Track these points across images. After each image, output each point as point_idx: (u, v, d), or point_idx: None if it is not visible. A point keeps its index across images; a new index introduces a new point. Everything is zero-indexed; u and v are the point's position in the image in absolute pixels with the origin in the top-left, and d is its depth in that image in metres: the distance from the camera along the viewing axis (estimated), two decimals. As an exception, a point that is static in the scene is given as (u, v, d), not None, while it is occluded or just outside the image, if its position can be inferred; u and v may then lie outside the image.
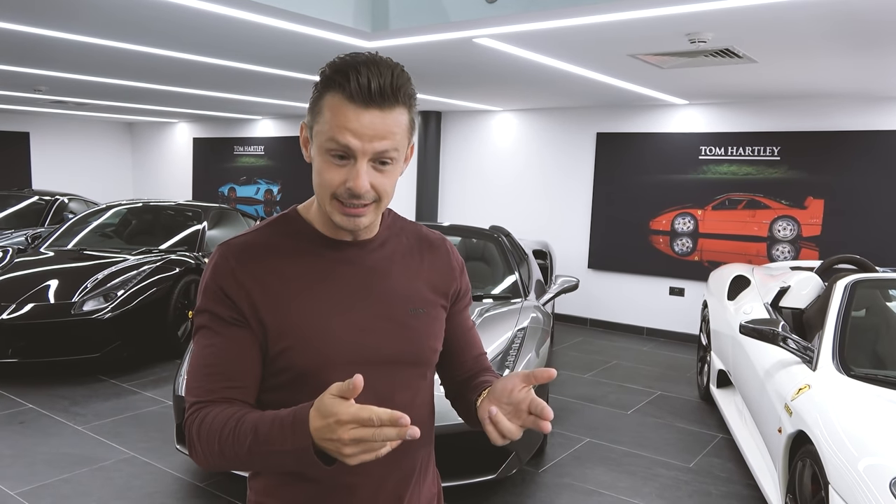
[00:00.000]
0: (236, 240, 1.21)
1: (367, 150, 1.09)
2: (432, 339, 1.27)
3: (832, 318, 3.31)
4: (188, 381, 1.16)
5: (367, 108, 1.08)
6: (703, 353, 5.49)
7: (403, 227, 1.32)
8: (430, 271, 1.31)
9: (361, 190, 1.09)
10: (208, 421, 1.08)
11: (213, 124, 11.69)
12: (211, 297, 1.16)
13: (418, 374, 1.25)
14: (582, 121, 7.81)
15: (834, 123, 6.37)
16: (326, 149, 1.11)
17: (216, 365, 1.13)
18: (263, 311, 1.14)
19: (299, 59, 4.98)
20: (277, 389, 1.17)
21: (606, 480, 3.89)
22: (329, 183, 1.12)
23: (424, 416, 1.29)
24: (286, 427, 1.00)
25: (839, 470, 2.41)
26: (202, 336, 1.16)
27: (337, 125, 1.09)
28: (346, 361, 1.15)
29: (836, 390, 2.86)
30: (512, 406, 1.12)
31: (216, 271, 1.17)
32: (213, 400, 1.11)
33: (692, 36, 3.64)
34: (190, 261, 6.18)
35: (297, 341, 1.14)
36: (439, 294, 1.30)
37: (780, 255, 6.67)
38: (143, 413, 4.66)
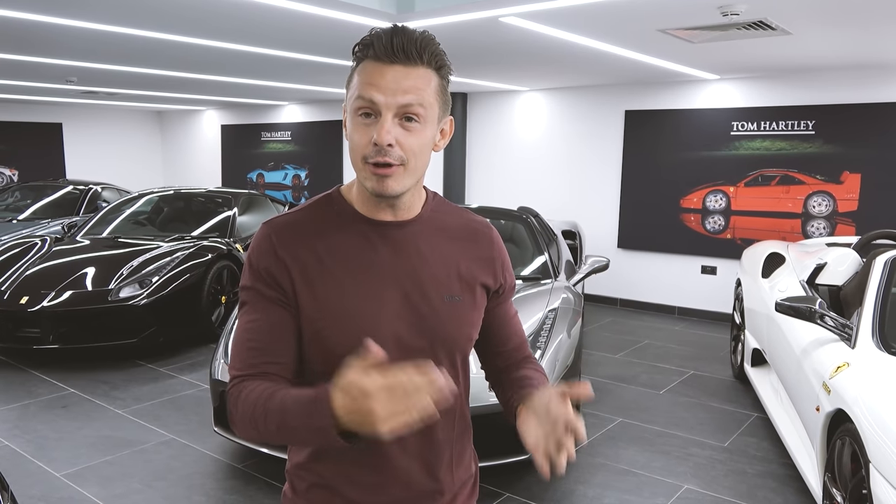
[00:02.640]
0: (280, 218, 1.23)
1: (391, 104, 1.10)
2: (467, 328, 1.26)
3: (871, 294, 3.24)
4: (232, 352, 1.20)
5: (392, 64, 1.11)
6: (737, 331, 5.42)
7: (448, 212, 1.30)
8: (471, 259, 1.28)
9: (385, 140, 1.09)
10: (244, 395, 1.12)
11: (240, 111, 11.78)
12: (254, 274, 1.19)
13: (450, 361, 1.25)
14: (610, 99, 7.70)
15: (871, 95, 6.19)
16: (354, 109, 1.13)
17: (256, 340, 1.17)
18: (300, 289, 1.17)
19: (325, 42, 4.98)
20: (312, 373, 1.19)
21: (640, 460, 3.88)
22: (358, 144, 1.13)
23: (462, 400, 1.29)
24: (308, 406, 1.02)
25: (881, 448, 2.37)
26: (246, 311, 1.20)
27: (363, 83, 1.11)
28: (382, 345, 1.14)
29: (876, 368, 2.81)
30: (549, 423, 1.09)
31: (259, 249, 1.19)
32: (252, 374, 1.15)
33: (724, 8, 3.56)
34: (222, 247, 6.25)
35: (331, 322, 1.16)
36: (478, 283, 1.28)
37: (816, 232, 6.54)
38: (180, 396, 4.76)
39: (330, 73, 6.88)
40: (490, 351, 1.38)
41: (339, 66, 6.31)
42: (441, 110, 1.18)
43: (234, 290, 6.33)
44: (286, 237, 1.19)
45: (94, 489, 3.44)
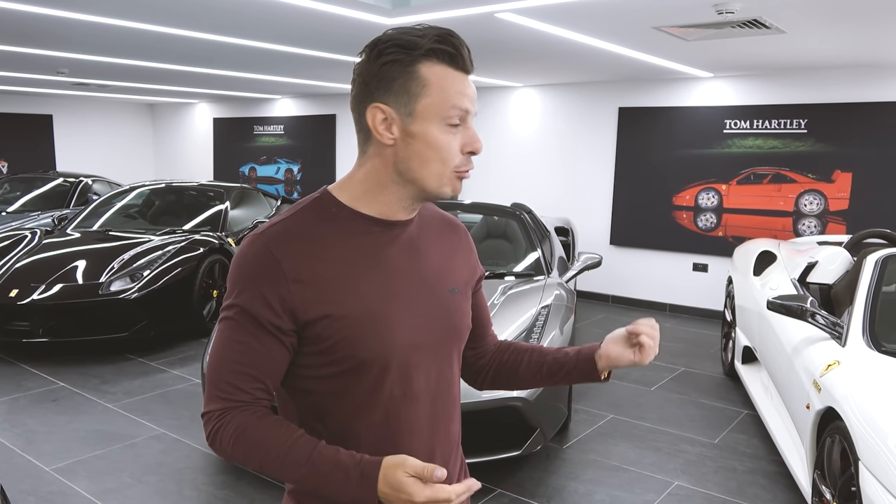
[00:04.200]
0: (274, 228, 1.13)
1: (473, 113, 1.16)
2: (467, 318, 1.30)
3: (862, 293, 3.26)
4: (212, 369, 1.12)
5: (468, 74, 1.16)
6: (728, 329, 5.45)
7: (427, 208, 1.32)
8: (458, 252, 1.33)
9: (480, 147, 1.17)
10: (250, 433, 1.08)
11: (232, 104, 11.72)
12: (249, 294, 1.09)
13: (457, 353, 1.28)
14: (603, 95, 7.71)
15: (863, 95, 6.22)
16: (446, 117, 1.12)
17: (249, 366, 1.10)
18: (315, 301, 1.10)
19: (319, 36, 4.96)
20: (331, 379, 1.14)
21: (631, 456, 3.90)
22: (454, 153, 1.15)
23: (456, 393, 1.31)
24: (351, 476, 1.04)
25: (869, 446, 2.39)
26: (233, 329, 1.10)
27: (456, 92, 1.12)
28: (404, 346, 1.15)
29: (866, 366, 2.83)
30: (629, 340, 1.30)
31: (257, 266, 1.09)
32: (244, 402, 1.11)
33: (720, 7, 3.56)
34: (214, 241, 6.23)
35: (355, 331, 1.11)
36: (466, 274, 1.33)
37: (807, 230, 6.57)
38: (171, 391, 4.74)
39: (325, 67, 6.85)
40: (476, 336, 1.41)
41: (333, 61, 6.28)
42: None
43: (225, 285, 6.29)
44: (288, 248, 1.10)
45: (84, 483, 3.42)
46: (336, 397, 1.15)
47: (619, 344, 1.29)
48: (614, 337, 1.31)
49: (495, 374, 1.42)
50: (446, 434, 1.26)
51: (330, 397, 1.15)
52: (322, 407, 1.16)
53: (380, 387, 1.15)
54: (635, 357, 1.27)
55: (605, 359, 1.30)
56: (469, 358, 1.42)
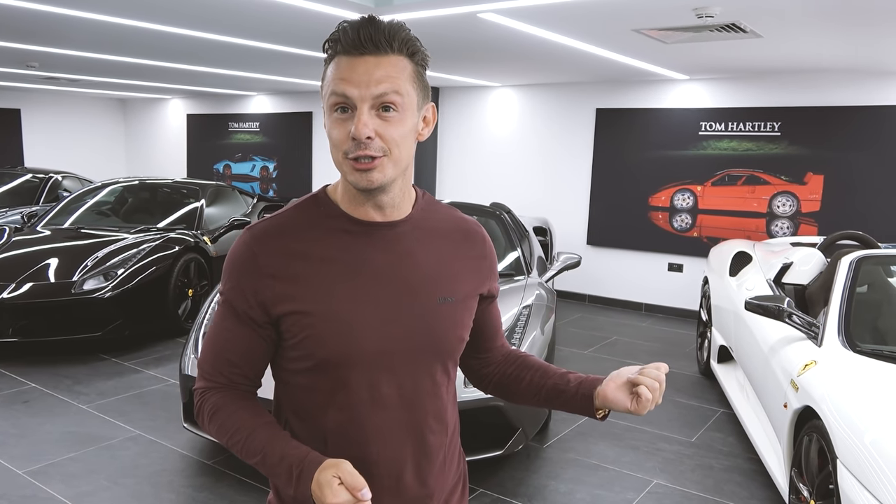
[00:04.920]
0: (263, 224, 1.19)
1: (366, 96, 1.08)
2: (459, 329, 1.25)
3: (837, 294, 3.32)
4: (204, 351, 1.22)
5: (362, 56, 1.09)
6: (704, 328, 5.52)
7: (438, 211, 1.29)
8: (463, 260, 1.27)
9: (363, 133, 1.07)
10: (221, 416, 1.17)
11: (206, 100, 11.57)
12: (231, 284, 1.17)
13: (441, 364, 1.24)
14: (581, 96, 7.76)
15: (835, 99, 6.35)
16: (329, 105, 1.12)
17: (228, 351, 1.19)
18: (284, 297, 1.14)
19: (300, 34, 4.92)
20: (303, 373, 1.18)
21: (610, 455, 3.93)
22: (337, 140, 1.11)
23: (444, 403, 1.27)
24: (292, 473, 1.08)
25: (847, 445, 2.44)
26: (223, 317, 1.19)
27: (335, 78, 1.10)
28: (369, 352, 1.15)
29: (842, 366, 2.89)
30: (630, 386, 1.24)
31: (239, 258, 1.17)
32: (222, 384, 1.20)
33: (700, 10, 3.61)
34: (189, 239, 6.14)
35: (318, 331, 1.13)
36: (470, 284, 1.27)
37: (780, 231, 6.69)
38: (146, 391, 4.67)
39: (303, 65, 6.79)
40: (480, 347, 1.39)
41: (312, 58, 6.24)
42: (420, 97, 1.15)
43: (201, 284, 6.23)
44: (269, 245, 1.16)
45: (58, 487, 3.35)
46: (306, 392, 1.19)
47: (619, 388, 1.24)
48: (617, 378, 1.25)
49: (498, 384, 1.42)
50: (422, 446, 1.23)
51: (302, 391, 1.19)
52: (295, 400, 1.21)
53: (343, 388, 1.16)
54: (631, 406, 1.22)
55: (602, 398, 1.25)
56: (474, 364, 1.42)
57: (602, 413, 1.28)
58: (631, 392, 1.22)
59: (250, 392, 1.23)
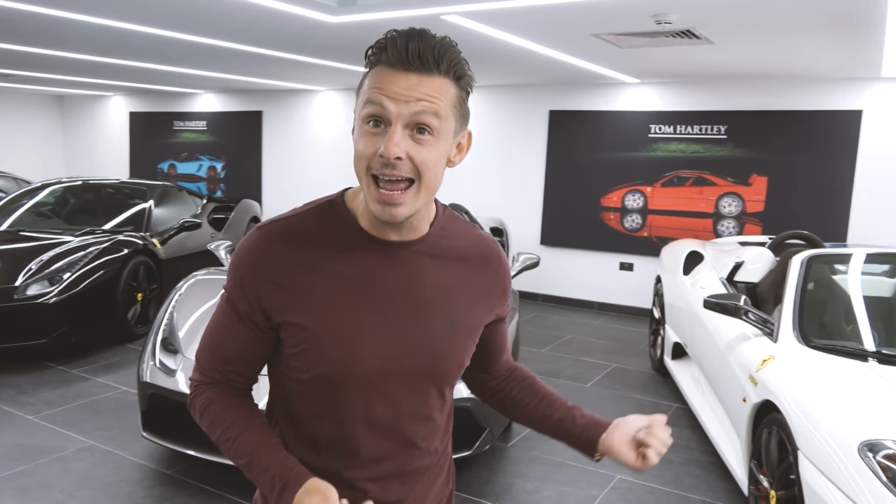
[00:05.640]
0: (274, 224, 1.15)
1: (403, 113, 1.02)
2: (461, 355, 1.22)
3: (790, 291, 3.46)
4: (202, 344, 1.21)
5: (406, 72, 1.03)
6: (657, 326, 5.67)
7: (457, 230, 1.23)
8: (477, 285, 1.23)
9: (392, 154, 1.01)
10: (212, 410, 1.17)
11: (150, 98, 11.23)
12: (236, 283, 1.14)
13: (437, 388, 1.21)
14: (535, 98, 7.86)
15: (778, 103, 6.62)
16: (362, 116, 1.05)
17: (226, 348, 1.17)
18: (285, 306, 1.11)
19: (259, 32, 4.82)
20: (299, 383, 1.16)
21: (572, 453, 3.95)
22: (363, 153, 1.04)
23: (437, 425, 1.25)
24: (275, 486, 1.08)
25: (808, 437, 2.55)
26: (220, 312, 1.18)
27: (373, 87, 1.04)
28: (366, 373, 1.12)
29: (798, 361, 3.01)
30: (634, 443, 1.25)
31: (247, 257, 1.13)
32: (217, 380, 1.19)
33: (659, 17, 3.71)
34: (138, 241, 5.96)
35: (317, 346, 1.11)
36: (480, 309, 1.24)
37: (726, 231, 6.92)
38: (97, 400, 4.50)
39: (256, 63, 6.66)
40: (485, 363, 1.37)
41: (267, 57, 6.12)
42: (458, 124, 1.10)
43: (151, 287, 6.05)
44: (277, 250, 1.12)
45: (10, 502, 3.20)
46: (301, 401, 1.17)
47: (625, 442, 1.23)
48: (624, 430, 1.24)
49: (501, 402, 1.41)
50: (411, 466, 1.21)
51: (297, 399, 1.18)
52: (290, 407, 1.19)
53: (337, 405, 1.15)
54: (636, 463, 1.22)
55: (606, 447, 1.25)
56: (478, 378, 1.41)
57: (599, 457, 1.29)
58: (637, 450, 1.22)
59: (245, 389, 1.21)
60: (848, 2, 3.47)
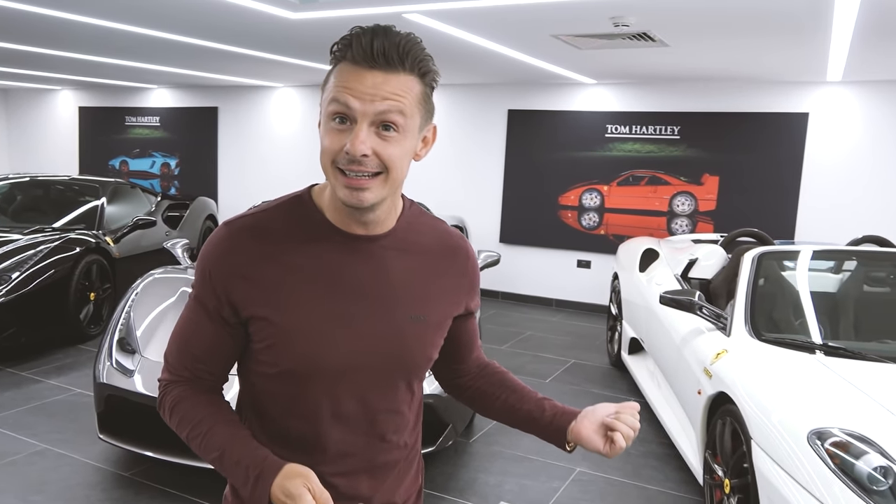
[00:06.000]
0: (241, 220, 1.16)
1: (368, 111, 1.03)
2: (428, 349, 1.23)
3: (742, 287, 3.58)
4: (170, 341, 1.21)
5: (371, 69, 1.04)
6: (614, 322, 5.79)
7: (424, 224, 1.25)
8: (445, 279, 1.24)
9: (358, 151, 1.03)
10: (182, 408, 1.16)
11: (100, 92, 10.93)
12: (203, 280, 1.15)
13: (405, 382, 1.23)
14: (494, 97, 7.92)
15: (729, 105, 6.82)
16: (328, 113, 1.07)
17: (194, 346, 1.18)
18: (253, 301, 1.12)
19: (218, 27, 4.75)
20: (268, 379, 1.17)
21: (534, 447, 4.05)
22: (328, 148, 1.06)
23: (406, 419, 1.26)
24: (249, 477, 1.08)
25: (760, 426, 2.65)
26: (188, 309, 1.19)
27: (339, 86, 1.05)
28: (334, 367, 1.13)
29: (750, 354, 3.13)
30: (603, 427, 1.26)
31: (213, 253, 1.14)
32: (186, 378, 1.19)
33: (617, 20, 3.79)
34: (90, 240, 5.81)
35: (284, 340, 1.12)
36: (447, 305, 1.25)
37: (679, 229, 7.10)
38: (49, 403, 4.39)
39: (211, 58, 6.55)
40: (455, 358, 1.38)
41: (227, 52, 6.03)
42: (423, 119, 1.11)
43: (104, 287, 5.91)
44: (245, 244, 1.13)
45: (-41, 509, 3.10)
46: (270, 397, 1.18)
47: (593, 429, 1.24)
48: (592, 418, 1.26)
49: (472, 398, 1.41)
50: (380, 460, 1.23)
51: (265, 395, 1.18)
52: (259, 402, 1.20)
53: (305, 399, 1.16)
54: (604, 449, 1.23)
55: (575, 436, 1.26)
56: (448, 374, 1.42)
57: (572, 447, 1.30)
58: (605, 435, 1.23)
59: (215, 387, 1.21)
60: (795, 9, 3.61)
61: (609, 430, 1.23)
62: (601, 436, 1.24)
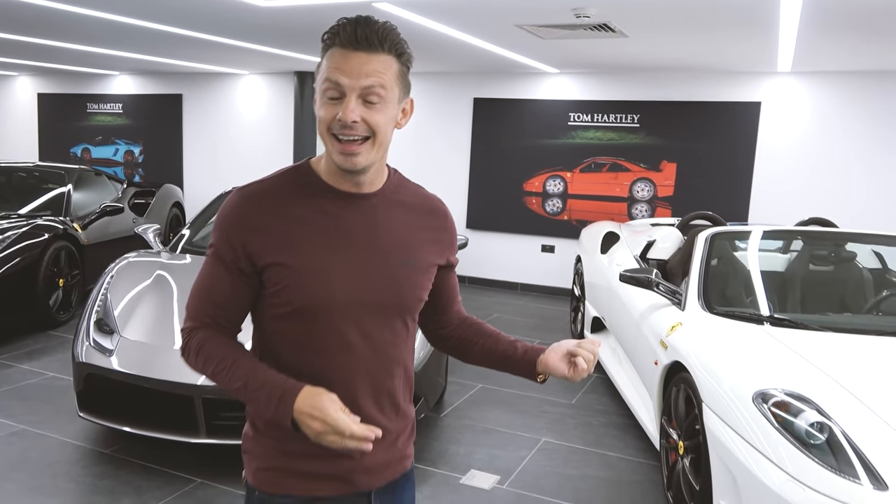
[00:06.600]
0: (251, 186, 1.36)
1: (356, 86, 1.24)
2: (419, 290, 1.42)
3: (696, 265, 3.81)
4: (191, 294, 1.36)
5: (356, 51, 1.25)
6: (577, 303, 6.01)
7: (407, 187, 1.46)
8: (426, 231, 1.44)
9: (349, 118, 1.23)
10: (207, 347, 1.32)
11: (61, 79, 10.75)
12: (221, 237, 1.33)
13: (401, 319, 1.41)
14: (459, 86, 8.07)
15: (686, 94, 7.08)
16: (322, 90, 1.28)
17: (216, 295, 1.34)
18: (269, 250, 1.30)
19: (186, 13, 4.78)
20: (281, 319, 1.34)
21: (503, 419, 4.25)
22: (324, 118, 1.27)
23: (402, 354, 1.44)
24: (273, 398, 1.24)
25: (710, 391, 2.87)
26: (211, 266, 1.34)
27: (330, 67, 1.26)
28: (341, 301, 1.31)
29: (703, 326, 3.35)
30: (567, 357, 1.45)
31: (230, 214, 1.33)
32: (208, 323, 1.35)
33: (578, 11, 3.96)
34: (58, 226, 5.80)
35: (297, 280, 1.30)
36: (431, 253, 1.44)
37: (639, 214, 7.36)
38: (22, 386, 4.42)
39: (176, 44, 6.55)
40: (439, 310, 1.57)
41: (188, 38, 6.04)
42: (401, 92, 1.33)
43: (72, 273, 5.91)
44: (257, 204, 1.32)
45: (-57, 486, 3.16)
46: (284, 336, 1.35)
47: (559, 358, 1.43)
48: (558, 350, 1.44)
49: (454, 346, 1.60)
50: (381, 387, 1.40)
51: (279, 336, 1.35)
52: (274, 344, 1.36)
53: (318, 333, 1.33)
54: (568, 373, 1.42)
55: (543, 365, 1.45)
56: (433, 326, 1.60)
57: (542, 378, 1.48)
58: (569, 362, 1.43)
59: (232, 334, 1.37)
60: (744, 4, 3.83)
61: (572, 356, 1.42)
62: (566, 363, 1.44)
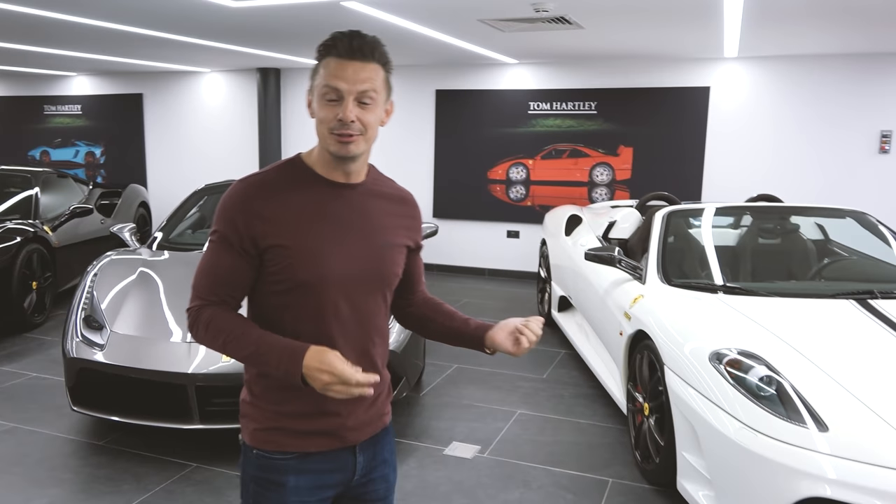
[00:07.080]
0: (252, 177, 1.55)
1: (353, 90, 1.44)
2: (396, 267, 1.63)
3: (654, 241, 4.08)
4: (196, 277, 1.52)
5: (351, 60, 1.45)
6: (543, 284, 6.27)
7: (382, 181, 1.67)
8: (400, 218, 1.65)
9: (348, 118, 1.43)
10: (216, 322, 1.48)
11: (15, 81, 10.58)
12: (225, 221, 1.50)
13: (381, 293, 1.63)
14: (422, 78, 8.24)
15: (639, 81, 7.39)
16: (322, 94, 1.47)
17: (223, 275, 1.51)
18: (271, 234, 1.49)
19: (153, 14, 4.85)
20: (280, 294, 1.53)
21: (479, 395, 4.48)
22: (326, 119, 1.46)
23: (381, 324, 1.66)
24: (283, 355, 1.42)
25: (671, 354, 3.14)
26: (215, 249, 1.51)
27: (330, 75, 1.46)
28: (334, 277, 1.52)
29: (663, 297, 3.62)
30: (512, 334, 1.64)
31: (235, 201, 1.50)
32: (215, 301, 1.51)
33: (537, 6, 4.18)
34: (29, 229, 5.82)
35: (297, 259, 1.49)
36: (404, 237, 1.65)
37: (599, 197, 7.66)
38: (6, 387, 4.49)
39: (142, 45, 6.58)
40: (407, 289, 1.77)
41: (156, 39, 6.09)
42: (386, 95, 1.54)
43: (45, 276, 5.94)
44: (260, 191, 1.51)
45: (-56, 482, 3.25)
46: (283, 310, 1.54)
47: (505, 335, 1.62)
48: (504, 327, 1.63)
49: (416, 322, 1.81)
50: (367, 353, 1.61)
51: (279, 309, 1.54)
52: (273, 317, 1.55)
53: (313, 304, 1.52)
54: (512, 349, 1.61)
55: (490, 340, 1.64)
56: (401, 304, 1.80)
57: (490, 351, 1.67)
58: (515, 340, 1.61)
59: (236, 308, 1.56)
60: (692, -6, 4.10)
61: (519, 333, 1.64)
62: (511, 340, 1.64)
